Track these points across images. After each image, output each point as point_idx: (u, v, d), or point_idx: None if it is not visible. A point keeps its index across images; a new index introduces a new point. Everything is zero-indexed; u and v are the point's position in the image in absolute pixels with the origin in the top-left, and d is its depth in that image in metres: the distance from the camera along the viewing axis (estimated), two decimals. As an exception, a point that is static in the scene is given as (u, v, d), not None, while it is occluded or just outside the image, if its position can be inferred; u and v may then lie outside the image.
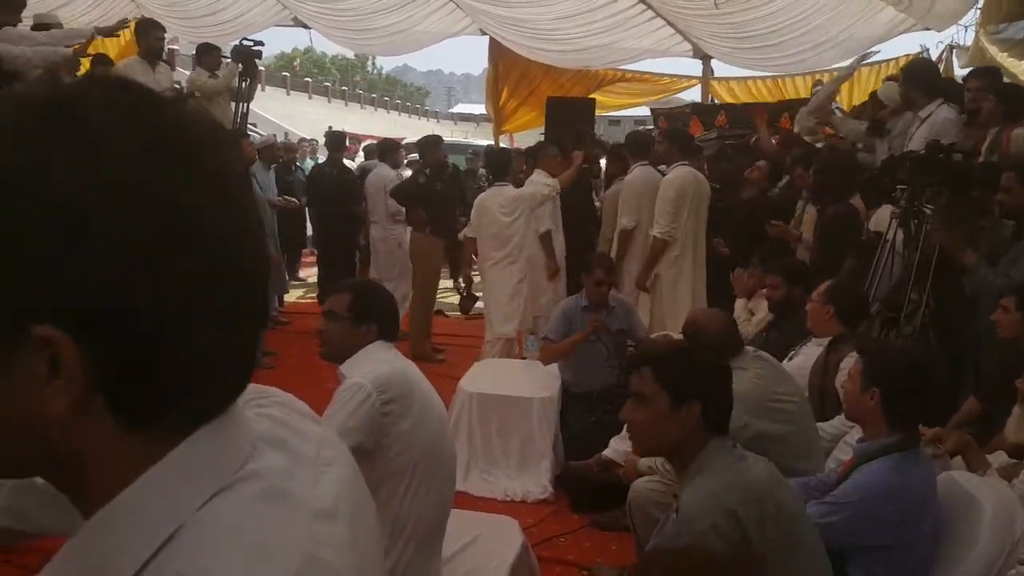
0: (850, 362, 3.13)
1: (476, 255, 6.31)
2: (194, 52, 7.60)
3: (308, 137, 14.89)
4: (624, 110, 13.25)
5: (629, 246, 5.79)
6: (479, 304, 6.38)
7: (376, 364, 2.43)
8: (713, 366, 2.20)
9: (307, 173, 9.30)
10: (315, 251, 9.11)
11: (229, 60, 7.16)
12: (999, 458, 3.05)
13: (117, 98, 0.57)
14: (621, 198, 5.83)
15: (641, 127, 10.64)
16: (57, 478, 0.61)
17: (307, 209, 8.77)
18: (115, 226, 0.54)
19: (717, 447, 2.09)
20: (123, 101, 0.57)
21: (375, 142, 10.93)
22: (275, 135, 10.15)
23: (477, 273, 6.40)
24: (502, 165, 6.13)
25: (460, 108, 70.09)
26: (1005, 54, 6.76)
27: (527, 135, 12.17)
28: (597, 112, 10.00)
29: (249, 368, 0.64)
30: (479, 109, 53.70)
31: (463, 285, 6.14)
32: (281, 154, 8.82)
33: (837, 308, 3.55)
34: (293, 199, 8.17)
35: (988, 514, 2.30)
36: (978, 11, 6.78)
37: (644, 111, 15.34)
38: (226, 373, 0.62)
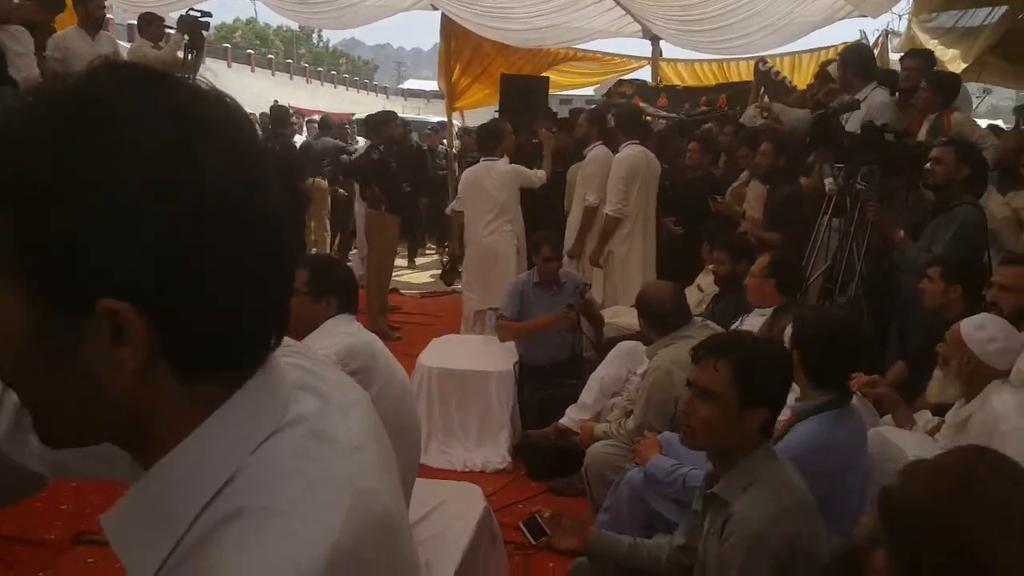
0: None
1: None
2: (135, 22, 7.31)
3: (250, 112, 14.56)
4: (576, 89, 13.36)
5: (594, 222, 5.84)
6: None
7: (339, 337, 2.47)
8: (787, 372, 2.10)
9: None
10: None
11: (174, 31, 6.96)
12: (923, 417, 3.30)
13: (137, 87, 0.62)
14: (584, 175, 5.89)
15: (593, 105, 10.72)
16: (123, 438, 0.66)
17: None
18: (161, 206, 0.58)
19: (764, 453, 2.03)
20: (144, 89, 0.62)
21: (317, 118, 10.83)
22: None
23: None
24: (494, 139, 6.09)
25: (410, 84, 69.09)
26: (935, 42, 7.05)
27: (479, 113, 12.20)
28: (552, 91, 10.11)
29: (284, 324, 0.71)
30: (429, 85, 52.95)
31: (447, 259, 6.12)
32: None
33: (778, 280, 3.76)
34: None
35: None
36: (911, 0, 7.05)
37: (591, 91, 15.44)
38: (266, 329, 0.68)
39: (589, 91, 14.85)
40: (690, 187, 5.75)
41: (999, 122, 8.43)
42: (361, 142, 10.59)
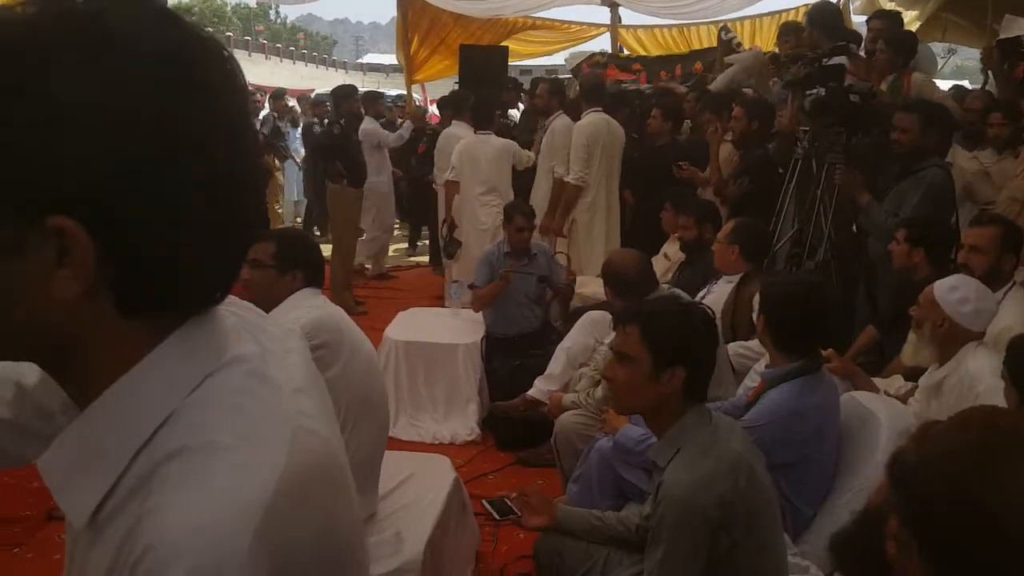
0: (760, 298, 3.32)
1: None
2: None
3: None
4: (536, 59, 13.23)
5: (563, 193, 5.74)
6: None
7: (305, 310, 2.45)
8: (701, 330, 2.06)
9: None
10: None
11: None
12: (896, 382, 3.30)
13: (139, 10, 0.61)
14: (550, 147, 5.80)
15: (554, 75, 10.61)
16: (58, 364, 0.65)
17: None
18: (123, 126, 0.57)
19: (695, 417, 2.00)
20: (145, 13, 0.61)
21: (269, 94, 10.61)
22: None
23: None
24: (487, 114, 6.07)
25: (369, 58, 68.38)
26: (893, 4, 7.07)
27: (440, 85, 12.03)
28: (512, 60, 9.97)
29: (233, 276, 0.69)
30: (388, 59, 52.49)
31: (447, 231, 6.06)
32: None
33: (741, 247, 3.72)
34: None
35: (884, 426, 2.51)
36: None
37: (557, 60, 15.33)
38: (214, 275, 0.67)
39: (551, 60, 14.71)
40: (655, 155, 5.70)
41: (965, 82, 8.49)
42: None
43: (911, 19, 6.69)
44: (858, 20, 7.10)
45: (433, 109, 11.98)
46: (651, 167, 5.66)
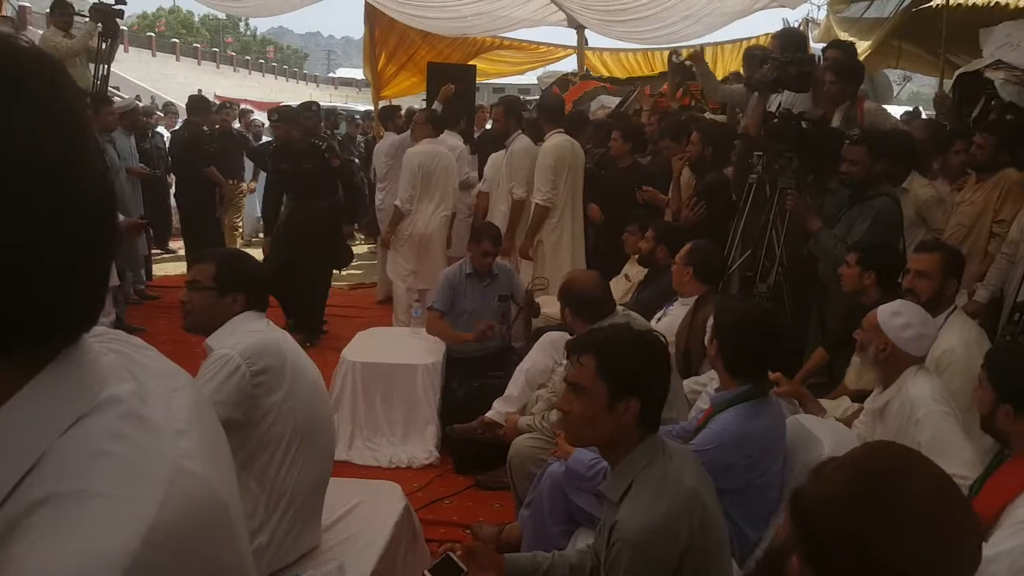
0: (715, 321, 3.35)
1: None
2: (47, 10, 7.10)
3: (174, 100, 14.15)
4: (507, 78, 13.30)
5: (522, 215, 5.80)
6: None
7: (245, 335, 2.38)
8: (656, 361, 2.05)
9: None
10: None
11: (87, 19, 6.73)
12: (843, 404, 3.35)
13: None
14: (510, 168, 5.82)
15: (526, 93, 10.67)
16: None
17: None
18: None
19: (649, 448, 1.98)
20: None
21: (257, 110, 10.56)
22: (137, 98, 9.58)
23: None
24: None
25: (341, 72, 68.23)
26: (846, 33, 7.24)
27: (407, 101, 12.04)
28: (480, 79, 10.02)
29: (99, 303, 0.66)
30: (360, 74, 52.42)
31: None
32: (144, 120, 8.35)
33: (695, 269, 3.76)
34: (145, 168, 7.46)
35: (828, 451, 2.54)
36: (827, -10, 7.23)
37: (528, 79, 15.39)
38: (77, 305, 0.64)
39: (523, 80, 14.77)
40: (618, 177, 5.76)
41: (920, 108, 8.70)
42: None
43: (864, 48, 6.84)
44: (817, 48, 7.24)
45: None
46: (613, 189, 5.72)
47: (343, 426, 4.34)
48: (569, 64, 10.96)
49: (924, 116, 6.95)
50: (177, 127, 8.90)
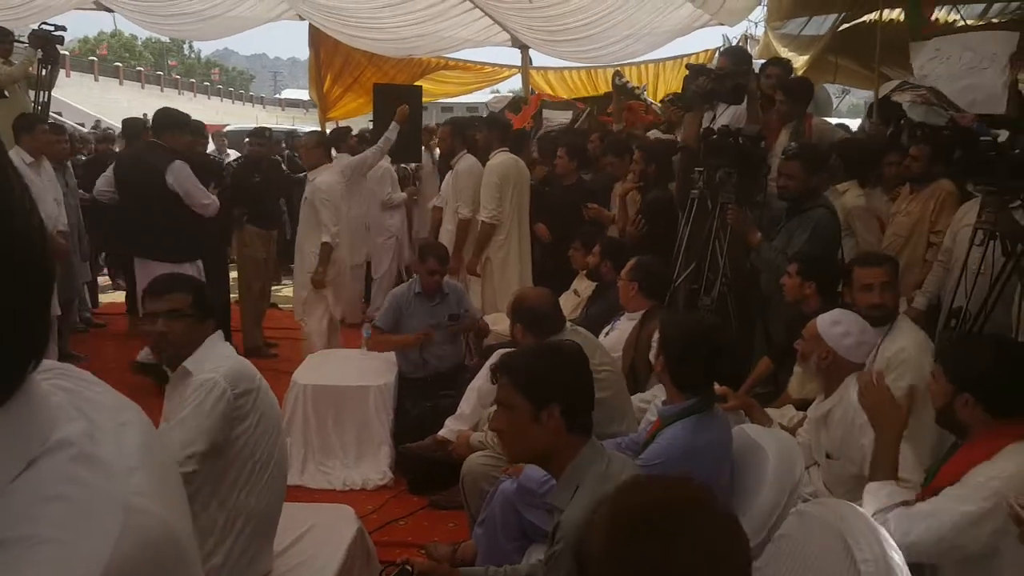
0: (660, 335, 3.40)
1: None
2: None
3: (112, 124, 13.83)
4: (456, 97, 13.35)
5: (468, 234, 5.83)
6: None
7: (221, 360, 2.41)
8: (569, 365, 2.13)
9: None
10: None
11: (26, 45, 6.59)
12: (788, 412, 3.42)
13: None
14: (456, 188, 5.84)
15: (474, 112, 10.72)
16: None
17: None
18: None
19: (588, 455, 2.04)
20: None
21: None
22: (70, 125, 9.35)
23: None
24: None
25: (287, 93, 67.68)
26: (785, 49, 7.46)
27: (354, 123, 12.02)
28: (428, 99, 10.06)
29: (43, 341, 0.65)
30: (307, 95, 51.95)
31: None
32: (80, 146, 8.14)
33: (640, 284, 3.82)
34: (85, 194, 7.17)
35: (772, 460, 2.59)
36: (764, 8, 7.43)
37: (476, 98, 15.45)
38: (21, 346, 0.63)
39: (472, 99, 14.84)
40: (563, 194, 5.82)
41: (858, 120, 8.97)
42: (232, 154, 10.25)
43: (800, 64, 7.05)
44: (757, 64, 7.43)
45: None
46: (559, 205, 5.78)
47: (296, 450, 4.29)
48: (513, 83, 11.08)
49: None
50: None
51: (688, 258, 4.32)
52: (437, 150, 7.81)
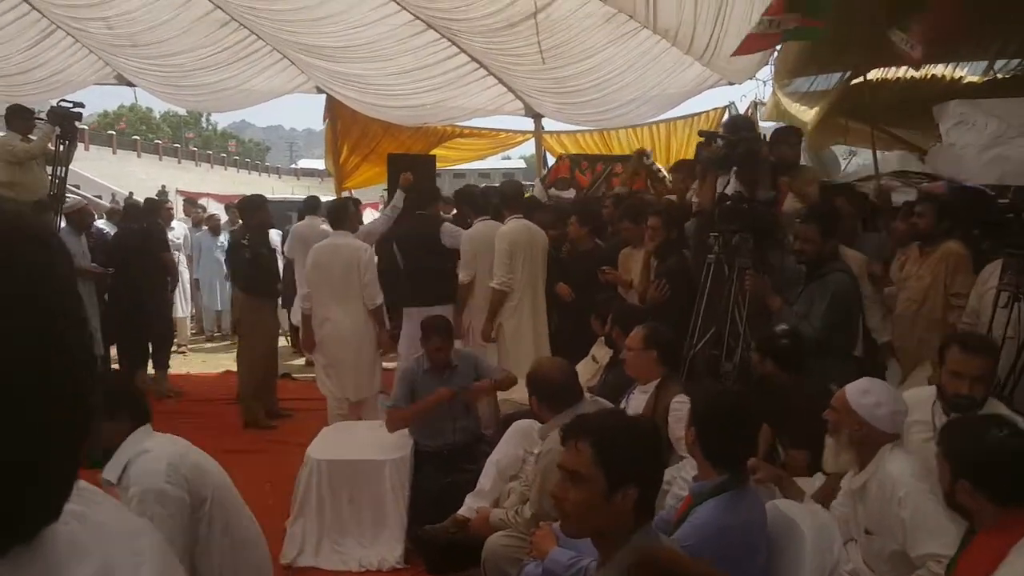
0: (680, 405, 3.31)
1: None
2: (3, 115, 7.07)
3: (133, 195, 14.00)
4: (468, 163, 13.52)
5: (468, 299, 5.90)
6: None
7: (151, 460, 2.23)
8: (652, 446, 2.02)
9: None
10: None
11: (45, 121, 6.71)
12: (817, 479, 3.30)
13: None
14: (461, 252, 5.91)
15: (485, 182, 10.85)
16: None
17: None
18: None
19: (643, 539, 1.94)
20: None
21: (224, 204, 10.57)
22: (85, 198, 9.47)
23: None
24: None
25: (303, 163, 69.03)
26: (796, 104, 7.51)
27: (369, 192, 12.19)
28: (443, 165, 10.19)
29: (72, 483, 0.63)
30: (322, 164, 53.02)
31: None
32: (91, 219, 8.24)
33: (660, 352, 3.73)
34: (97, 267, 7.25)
35: (809, 538, 2.48)
36: (772, 67, 7.50)
37: (488, 164, 15.63)
38: (44, 499, 0.60)
39: (483, 165, 14.98)
40: (579, 260, 5.82)
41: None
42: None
43: (810, 119, 7.08)
44: (767, 126, 7.48)
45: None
46: (576, 271, 5.77)
47: (310, 528, 4.21)
48: (527, 148, 11.20)
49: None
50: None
51: (706, 323, 4.24)
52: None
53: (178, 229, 10.55)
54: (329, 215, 6.07)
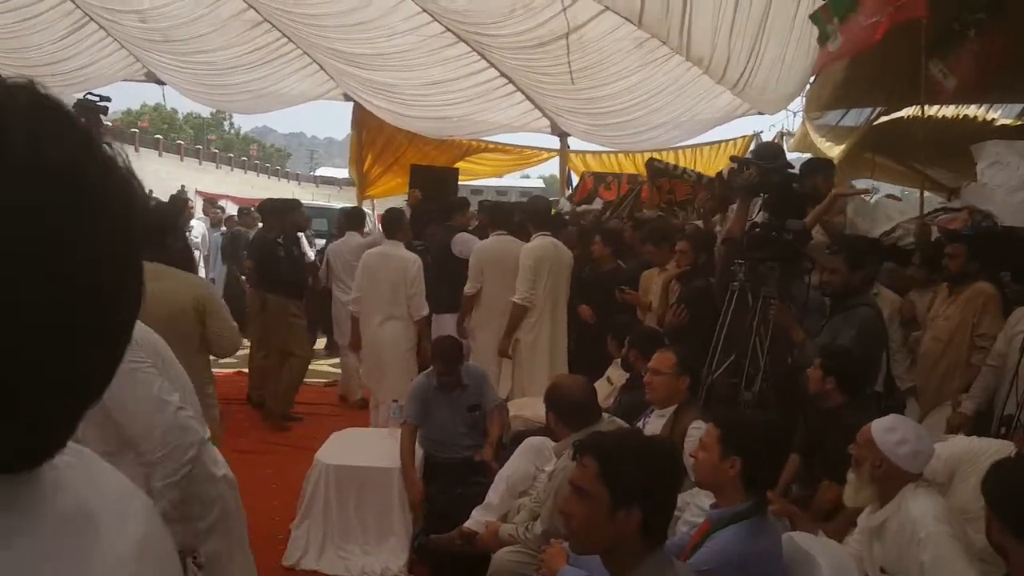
0: (696, 431, 3.26)
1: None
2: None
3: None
4: (488, 179, 13.57)
5: (471, 310, 5.95)
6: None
7: None
8: (661, 469, 1.98)
9: None
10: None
11: (71, 113, 6.77)
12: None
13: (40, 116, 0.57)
14: (469, 264, 5.97)
15: (502, 198, 10.87)
16: None
17: None
18: None
19: (655, 565, 1.91)
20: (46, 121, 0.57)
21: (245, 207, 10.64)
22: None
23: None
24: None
25: (322, 171, 69.42)
26: (823, 139, 7.50)
27: (390, 201, 12.23)
28: (466, 179, 10.23)
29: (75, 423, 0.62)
30: (342, 173, 53.28)
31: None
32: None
33: (692, 377, 3.70)
34: None
35: (825, 571, 2.43)
36: (804, 99, 7.51)
37: (506, 182, 15.68)
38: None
39: (501, 182, 15.03)
40: (600, 280, 5.80)
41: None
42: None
43: (836, 155, 7.06)
44: (793, 156, 7.47)
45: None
46: (597, 291, 5.75)
47: (314, 532, 4.18)
48: (551, 166, 11.24)
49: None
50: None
51: (726, 350, 4.20)
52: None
53: (197, 228, 10.63)
54: (384, 225, 6.15)
